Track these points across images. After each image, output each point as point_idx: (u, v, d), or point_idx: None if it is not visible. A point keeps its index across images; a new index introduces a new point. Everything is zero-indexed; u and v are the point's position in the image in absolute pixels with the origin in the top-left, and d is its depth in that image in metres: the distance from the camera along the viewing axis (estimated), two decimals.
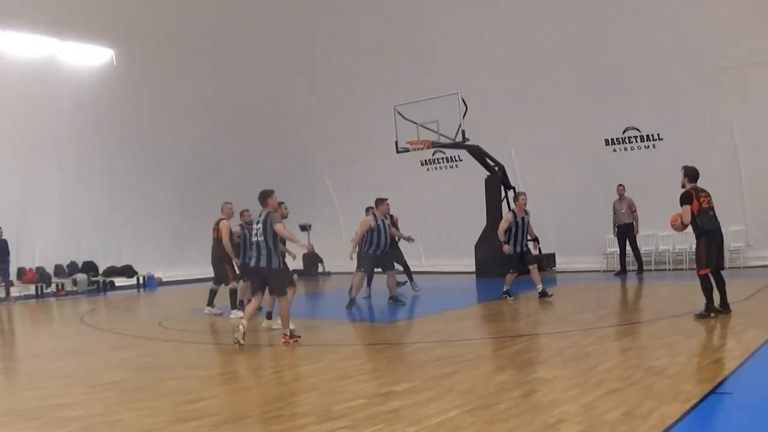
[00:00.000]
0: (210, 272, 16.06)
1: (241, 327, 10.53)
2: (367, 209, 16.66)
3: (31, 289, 23.90)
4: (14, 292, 22.84)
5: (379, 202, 15.60)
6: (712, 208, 11.22)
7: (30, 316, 19.09)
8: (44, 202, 23.61)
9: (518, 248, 15.20)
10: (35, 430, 6.80)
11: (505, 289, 15.37)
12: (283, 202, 15.47)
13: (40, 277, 24.09)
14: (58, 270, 24.83)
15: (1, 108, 22.27)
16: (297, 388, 7.98)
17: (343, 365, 9.29)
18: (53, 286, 24.43)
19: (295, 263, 17.13)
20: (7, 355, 12.66)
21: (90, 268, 25.65)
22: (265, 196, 11.17)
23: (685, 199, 11.20)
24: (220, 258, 15.19)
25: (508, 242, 15.11)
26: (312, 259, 27.39)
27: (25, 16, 21.69)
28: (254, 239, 11.25)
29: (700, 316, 10.91)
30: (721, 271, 11.24)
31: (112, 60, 24.75)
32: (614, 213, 20.17)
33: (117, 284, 26.08)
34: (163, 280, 26.79)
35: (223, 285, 15.36)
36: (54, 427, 6.89)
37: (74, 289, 24.69)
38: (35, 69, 22.60)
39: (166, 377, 9.05)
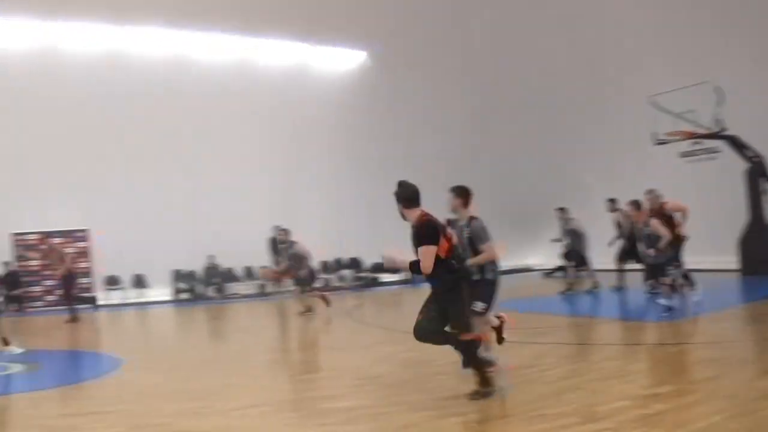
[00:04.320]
0: None
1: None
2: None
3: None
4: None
5: None
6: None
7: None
8: (309, 203, 25.49)
9: None
10: (300, 420, 7.45)
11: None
12: None
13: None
14: (325, 267, 25.75)
15: (261, 112, 24.64)
16: (561, 388, 7.89)
17: (606, 365, 9.33)
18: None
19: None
20: (278, 347, 13.89)
21: (354, 264, 26.93)
22: None
23: (431, 234, 7.43)
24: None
25: None
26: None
27: (276, 23, 23.71)
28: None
29: None
30: None
31: (365, 62, 26.28)
32: None
33: (382, 281, 26.61)
34: None
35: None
36: (318, 417, 7.38)
37: (340, 284, 25.83)
38: (288, 75, 24.77)
39: (431, 372, 9.11)
